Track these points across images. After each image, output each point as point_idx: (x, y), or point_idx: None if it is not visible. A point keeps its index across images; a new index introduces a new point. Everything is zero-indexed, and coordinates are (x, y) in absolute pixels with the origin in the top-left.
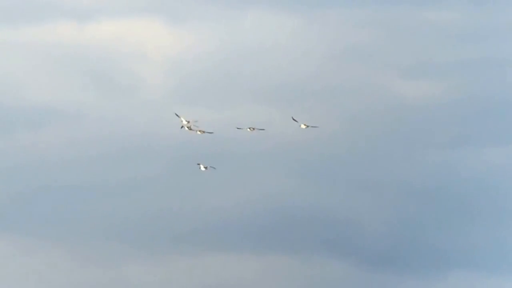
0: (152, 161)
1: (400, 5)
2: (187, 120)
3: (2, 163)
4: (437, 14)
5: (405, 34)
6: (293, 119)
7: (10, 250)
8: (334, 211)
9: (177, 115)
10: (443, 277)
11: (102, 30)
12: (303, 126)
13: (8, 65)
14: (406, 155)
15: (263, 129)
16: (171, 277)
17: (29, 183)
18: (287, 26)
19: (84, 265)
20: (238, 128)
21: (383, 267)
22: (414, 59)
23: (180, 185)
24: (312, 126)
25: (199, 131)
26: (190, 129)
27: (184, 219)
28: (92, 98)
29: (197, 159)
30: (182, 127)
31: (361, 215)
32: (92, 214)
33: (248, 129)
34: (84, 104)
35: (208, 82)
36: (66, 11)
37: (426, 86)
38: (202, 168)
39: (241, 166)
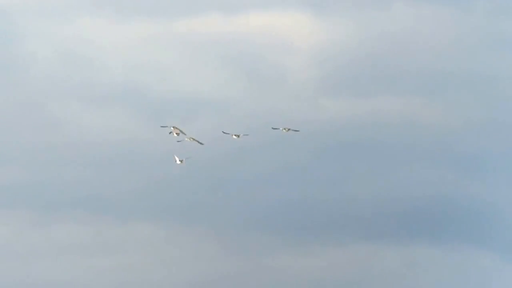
0: (299, 149)
1: None
2: (174, 126)
3: (151, 153)
4: None
5: None
6: (273, 128)
7: (157, 237)
8: (481, 200)
9: (163, 126)
10: None
11: (250, 22)
12: (284, 131)
13: (161, 56)
14: None
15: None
16: (315, 267)
17: (180, 172)
18: (431, 15)
19: (228, 255)
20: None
21: None
22: None
23: (325, 173)
24: (293, 130)
25: (189, 138)
26: (178, 134)
27: (328, 209)
28: (239, 90)
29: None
30: (170, 132)
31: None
32: (237, 204)
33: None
34: (232, 96)
35: (353, 73)
36: (215, 3)
37: None
38: (178, 162)
39: (385, 156)
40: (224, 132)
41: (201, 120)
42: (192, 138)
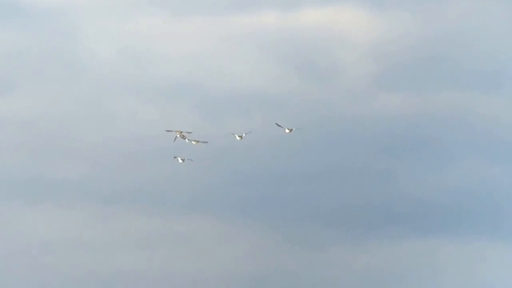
0: (355, 145)
1: None
2: (179, 131)
3: (211, 148)
4: None
5: None
6: (277, 124)
7: (220, 231)
8: None
9: (168, 131)
10: None
11: (306, 18)
12: (287, 131)
13: (218, 52)
14: None
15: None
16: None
17: (241, 167)
18: (489, 10)
19: (291, 247)
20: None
21: None
22: None
23: (382, 169)
24: (296, 129)
25: (194, 141)
26: (183, 138)
27: (385, 204)
28: (295, 85)
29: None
30: (176, 138)
31: None
32: (296, 199)
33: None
34: (287, 91)
35: (410, 68)
36: (271, 0)
37: None
38: (180, 161)
39: (441, 151)
40: (277, 125)
41: (257, 115)
42: (196, 141)
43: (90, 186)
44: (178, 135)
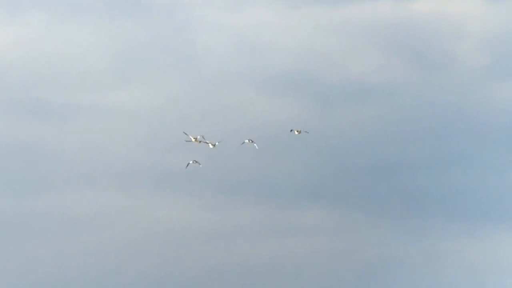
0: (465, 135)
1: None
2: (194, 137)
3: (321, 139)
4: None
5: None
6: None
7: (327, 222)
8: None
9: (185, 133)
10: None
11: (419, 8)
12: (296, 133)
13: (330, 43)
14: None
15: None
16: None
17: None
18: None
19: (398, 239)
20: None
21: None
22: None
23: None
24: (305, 131)
25: (211, 144)
26: (199, 142)
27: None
28: (407, 76)
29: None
30: (188, 140)
31: None
32: (411, 190)
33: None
34: (398, 81)
35: None
36: None
37: None
38: (191, 162)
39: None
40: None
41: (368, 105)
42: (213, 144)
43: (209, 176)
44: (193, 140)
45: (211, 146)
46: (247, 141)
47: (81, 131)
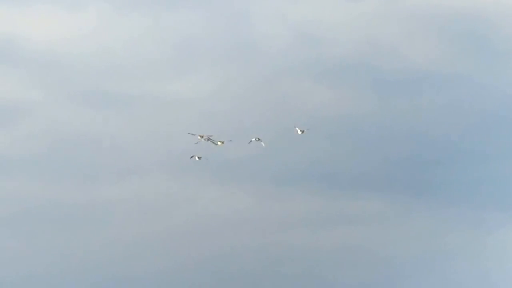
0: None
1: None
2: (201, 135)
3: (381, 129)
4: None
5: None
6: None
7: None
8: None
9: (191, 133)
10: None
11: None
12: (299, 132)
13: (388, 32)
14: None
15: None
16: None
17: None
18: None
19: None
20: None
21: None
22: None
23: None
24: (307, 130)
25: (219, 142)
26: (207, 140)
27: None
28: (469, 65)
29: None
30: (197, 142)
31: None
32: (467, 180)
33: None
34: (462, 71)
35: None
36: None
37: None
38: (197, 158)
39: None
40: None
41: (428, 95)
42: (221, 142)
43: (265, 166)
44: (201, 139)
45: (219, 143)
46: (253, 139)
47: (143, 121)
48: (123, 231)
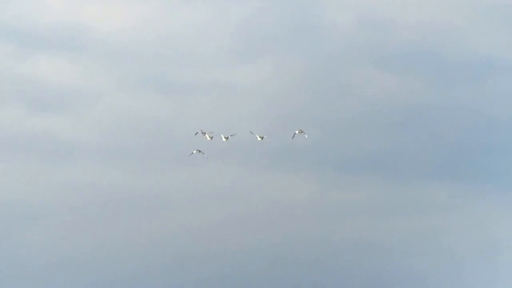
0: None
1: None
2: (203, 132)
3: (450, 114)
4: None
5: None
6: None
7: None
8: None
9: (197, 133)
10: None
11: None
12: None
13: (455, 18)
14: None
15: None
16: None
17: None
18: None
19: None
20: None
21: None
22: None
23: None
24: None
25: (224, 136)
26: (211, 138)
27: None
28: None
29: None
30: (196, 133)
31: None
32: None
33: (259, 137)
34: None
35: None
36: None
37: None
38: (194, 152)
39: None
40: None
41: (493, 81)
42: (226, 137)
43: (333, 154)
44: (201, 133)
45: (223, 139)
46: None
47: (206, 108)
48: (187, 217)
